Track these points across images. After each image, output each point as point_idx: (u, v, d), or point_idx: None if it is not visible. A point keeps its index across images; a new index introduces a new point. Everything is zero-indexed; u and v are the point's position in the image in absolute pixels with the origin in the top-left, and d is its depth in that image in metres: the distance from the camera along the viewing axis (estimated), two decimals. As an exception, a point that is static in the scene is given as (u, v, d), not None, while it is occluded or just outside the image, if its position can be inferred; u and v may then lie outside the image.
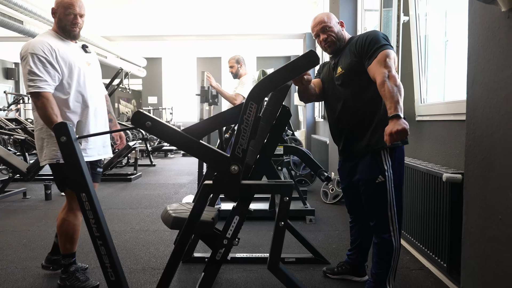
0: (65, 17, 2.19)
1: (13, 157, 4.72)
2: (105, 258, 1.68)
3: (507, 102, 1.47)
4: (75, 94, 2.23)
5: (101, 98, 2.42)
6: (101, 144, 2.39)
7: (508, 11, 1.44)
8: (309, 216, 3.79)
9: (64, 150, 1.64)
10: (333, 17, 2.17)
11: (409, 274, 2.51)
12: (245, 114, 1.58)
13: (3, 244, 3.12)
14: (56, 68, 2.14)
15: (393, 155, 2.03)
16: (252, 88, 1.61)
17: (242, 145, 1.59)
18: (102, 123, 2.41)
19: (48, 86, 2.12)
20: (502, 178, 1.51)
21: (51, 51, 2.13)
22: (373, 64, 1.92)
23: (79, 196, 1.65)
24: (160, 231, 3.48)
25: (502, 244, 1.52)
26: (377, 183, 2.02)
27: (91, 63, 2.37)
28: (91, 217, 1.66)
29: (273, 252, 1.68)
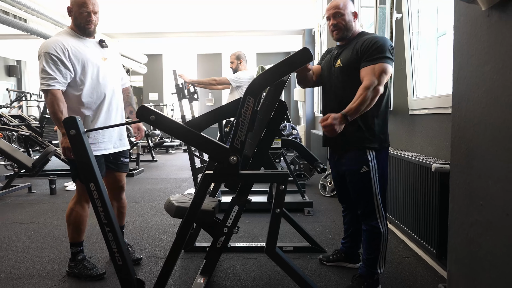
0: (79, 15, 2.28)
1: (18, 153, 4.84)
2: (113, 243, 1.79)
3: (487, 95, 1.57)
4: (88, 90, 2.32)
5: (116, 92, 2.47)
6: (118, 137, 2.49)
7: (488, 10, 1.54)
8: (307, 208, 3.90)
9: (73, 143, 1.74)
10: (350, 5, 2.18)
11: (402, 262, 2.62)
12: (243, 108, 1.69)
13: (12, 236, 3.24)
14: (67, 66, 2.24)
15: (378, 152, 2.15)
16: (250, 83, 1.71)
17: (240, 137, 1.70)
18: (117, 117, 2.48)
19: (57, 84, 2.22)
20: (483, 166, 1.62)
21: (63, 50, 2.23)
22: (369, 68, 2.00)
23: (88, 186, 1.76)
24: (162, 223, 3.60)
25: (483, 229, 1.62)
26: (362, 173, 2.13)
27: (108, 57, 2.43)
28: (99, 205, 1.77)
29: (270, 237, 1.79)
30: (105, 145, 2.42)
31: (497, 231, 1.52)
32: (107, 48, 2.46)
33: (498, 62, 1.51)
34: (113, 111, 2.45)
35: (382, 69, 1.99)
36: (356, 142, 2.14)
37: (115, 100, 2.46)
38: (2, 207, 4.28)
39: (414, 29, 3.10)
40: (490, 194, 1.57)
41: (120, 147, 2.52)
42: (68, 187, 5.24)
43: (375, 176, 2.13)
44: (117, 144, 2.50)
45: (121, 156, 2.56)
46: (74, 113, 2.32)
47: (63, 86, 2.26)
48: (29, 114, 12.16)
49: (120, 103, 2.52)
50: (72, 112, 2.32)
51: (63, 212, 4.03)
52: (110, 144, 2.45)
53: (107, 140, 2.42)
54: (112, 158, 2.51)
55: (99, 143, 2.39)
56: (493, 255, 1.55)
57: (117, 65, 2.53)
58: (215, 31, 8.91)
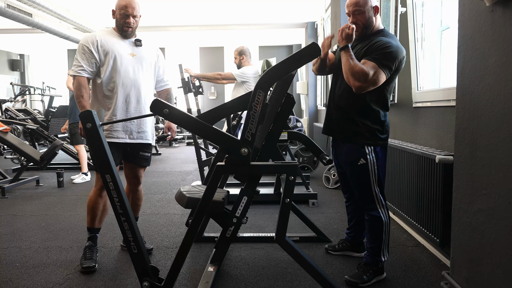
0: (120, 17, 2.46)
1: (26, 146, 4.91)
2: (128, 233, 1.85)
3: (490, 88, 1.62)
4: (107, 79, 2.46)
5: (140, 87, 2.52)
6: (136, 129, 2.54)
7: (492, 6, 1.59)
8: (312, 199, 3.97)
9: (89, 136, 1.80)
10: (370, 1, 2.13)
11: (406, 251, 2.69)
12: (254, 101, 1.74)
13: (25, 227, 3.32)
14: (94, 55, 2.43)
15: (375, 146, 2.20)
16: (260, 78, 1.76)
17: (251, 130, 1.75)
18: (137, 110, 2.53)
19: (83, 71, 2.42)
20: (486, 156, 1.67)
21: (93, 42, 2.43)
22: (370, 63, 2.02)
23: (104, 177, 1.82)
24: (170, 214, 3.67)
25: (486, 216, 1.69)
26: (359, 165, 2.19)
27: (138, 54, 2.53)
28: (115, 196, 1.83)
29: (279, 226, 1.85)
30: (118, 133, 2.48)
31: (500, 219, 1.58)
32: (141, 46, 2.56)
33: (501, 56, 1.56)
34: (131, 104, 2.50)
35: (379, 77, 2.02)
36: (353, 137, 2.20)
37: (134, 93, 2.51)
38: (12, 199, 4.36)
39: (418, 22, 3.14)
40: (493, 183, 1.63)
41: (137, 139, 2.56)
42: (75, 180, 5.31)
43: (373, 169, 2.18)
44: (134, 135, 2.54)
45: (140, 149, 2.61)
46: (95, 99, 2.51)
47: (89, 74, 2.45)
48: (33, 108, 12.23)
49: (143, 98, 2.55)
50: (97, 99, 2.51)
51: (72, 204, 4.11)
52: (124, 134, 2.50)
53: (121, 129, 2.49)
54: (130, 149, 2.57)
55: (111, 131, 2.46)
56: (496, 242, 1.61)
57: (148, 64, 2.59)
58: (218, 25, 8.94)
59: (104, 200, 2.53)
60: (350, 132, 2.20)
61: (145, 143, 2.62)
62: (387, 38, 2.13)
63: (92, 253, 2.51)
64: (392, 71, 2.09)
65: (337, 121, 2.29)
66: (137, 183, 2.72)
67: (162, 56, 2.76)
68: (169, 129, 2.76)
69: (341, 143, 2.31)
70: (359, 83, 2.01)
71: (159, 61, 2.70)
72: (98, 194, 2.51)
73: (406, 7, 3.18)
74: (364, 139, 2.17)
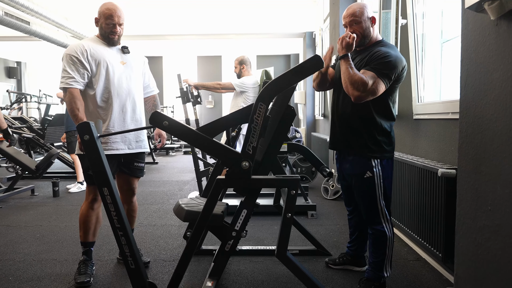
0: (106, 26, 2.40)
1: (22, 155, 4.85)
2: (125, 247, 1.81)
3: (496, 103, 1.60)
4: (101, 90, 2.41)
5: (133, 96, 2.50)
6: (134, 139, 2.51)
7: (497, 20, 1.57)
8: (311, 211, 3.93)
9: (87, 148, 1.77)
10: (366, 11, 2.15)
11: (406, 265, 2.65)
12: (255, 114, 1.71)
13: (18, 238, 3.26)
14: (85, 66, 2.36)
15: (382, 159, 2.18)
16: (262, 90, 1.74)
17: (252, 143, 1.72)
18: (133, 120, 2.50)
19: (75, 82, 2.34)
20: (491, 172, 1.65)
21: (82, 51, 2.36)
22: (369, 73, 2.02)
23: (101, 190, 1.78)
24: (167, 226, 3.61)
25: (491, 233, 1.65)
26: (365, 178, 2.16)
27: (128, 62, 2.50)
28: (112, 210, 1.79)
29: (281, 241, 1.81)
30: (117, 145, 2.45)
31: (506, 236, 1.55)
32: (129, 54, 2.53)
33: (507, 70, 1.54)
34: (127, 113, 2.48)
35: (378, 87, 2.01)
36: (359, 150, 2.18)
37: (130, 102, 2.49)
38: (6, 209, 4.30)
39: (418, 34, 3.13)
40: (499, 199, 1.60)
41: (136, 148, 2.54)
42: (71, 189, 5.25)
43: (379, 182, 2.16)
44: (133, 145, 2.52)
45: (134, 160, 2.58)
46: (89, 112, 2.43)
47: (81, 85, 2.37)
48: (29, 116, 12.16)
49: (138, 107, 2.54)
50: (88, 111, 2.43)
51: (68, 214, 4.05)
52: (123, 144, 2.47)
53: (120, 140, 2.46)
54: (124, 160, 2.52)
55: (110, 143, 2.43)
56: (502, 259, 1.58)
57: (138, 71, 2.57)
58: (216, 34, 8.95)
59: (96, 212, 2.48)
60: (356, 144, 2.18)
61: (140, 152, 2.59)
62: (386, 48, 2.13)
63: (86, 267, 2.44)
64: (392, 81, 2.08)
65: (342, 134, 2.27)
66: (132, 194, 2.68)
67: (147, 62, 2.73)
68: (159, 136, 2.73)
69: (347, 156, 2.28)
70: (358, 92, 1.99)
71: (145, 68, 2.68)
72: (90, 207, 2.46)
73: (406, 18, 3.18)
74: (370, 152, 2.14)
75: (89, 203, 2.46)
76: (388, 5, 3.63)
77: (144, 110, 2.69)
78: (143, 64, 2.65)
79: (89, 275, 2.39)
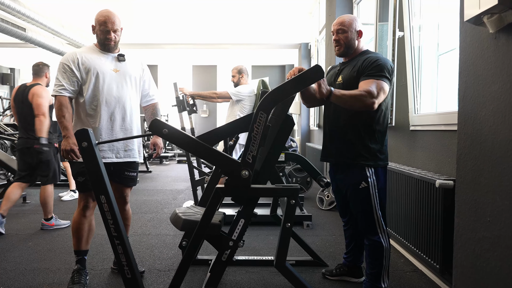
0: (100, 33, 2.40)
1: (14, 162, 4.79)
2: (122, 256, 1.78)
3: (494, 114, 1.62)
4: (91, 98, 2.39)
5: (123, 104, 2.46)
6: (122, 148, 2.47)
7: (495, 33, 1.59)
8: (306, 221, 3.91)
9: (85, 155, 1.75)
10: (355, 24, 2.21)
11: (403, 276, 2.64)
12: (255, 123, 1.71)
13: (10, 247, 3.20)
14: (76, 74, 2.37)
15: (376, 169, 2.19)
16: (262, 99, 1.74)
17: (252, 152, 1.72)
18: (123, 128, 2.47)
19: (64, 90, 2.35)
20: (490, 183, 1.65)
21: (74, 59, 2.37)
22: (370, 81, 2.04)
23: (98, 198, 1.76)
24: (162, 235, 3.58)
25: (491, 244, 1.66)
26: (361, 189, 2.16)
27: (121, 70, 2.46)
28: (109, 218, 1.76)
29: (279, 251, 1.79)
30: (104, 153, 2.41)
31: (506, 247, 1.55)
32: (124, 62, 2.50)
33: (505, 82, 1.55)
34: (116, 122, 2.44)
35: (382, 87, 2.04)
36: (352, 159, 2.18)
37: (119, 110, 2.44)
38: (-3, 217, 4.21)
39: (415, 47, 3.17)
40: (498, 211, 1.60)
41: (124, 158, 2.49)
42: (64, 197, 5.18)
43: (374, 192, 2.16)
44: (121, 154, 2.47)
45: (125, 169, 2.53)
46: (78, 119, 2.43)
47: (70, 93, 2.37)
48: (21, 122, 12.02)
49: (128, 116, 2.49)
50: (79, 118, 2.42)
51: (60, 223, 3.99)
52: (111, 153, 2.44)
53: (107, 149, 2.42)
54: (114, 169, 2.47)
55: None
56: (502, 271, 1.58)
57: (133, 79, 2.52)
58: (211, 44, 8.99)
59: (88, 220, 2.45)
60: (349, 154, 2.18)
61: (132, 162, 2.54)
62: (373, 54, 2.19)
63: (80, 276, 2.40)
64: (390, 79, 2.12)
65: (334, 145, 2.28)
66: (124, 203, 2.63)
67: (148, 70, 2.69)
68: (154, 145, 2.68)
69: (341, 167, 2.28)
70: (370, 100, 1.99)
71: (144, 75, 2.63)
72: (82, 215, 2.42)
73: (403, 31, 3.22)
74: (364, 160, 2.15)
75: (81, 211, 2.43)
76: (385, 17, 3.67)
77: (146, 118, 2.68)
78: (141, 71, 2.61)
79: (82, 285, 2.35)
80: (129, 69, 2.51)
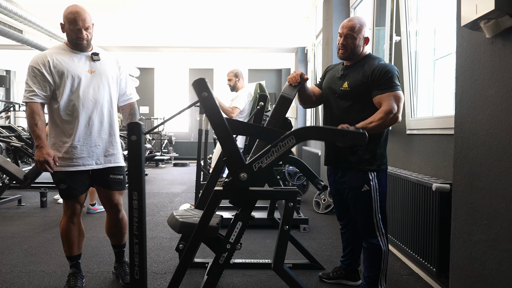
0: (70, 31, 2.21)
1: (10, 164, 4.76)
2: (136, 256, 1.76)
3: (491, 118, 1.64)
4: (66, 103, 2.25)
5: (102, 106, 2.33)
6: (102, 153, 2.34)
7: (492, 38, 1.62)
8: (303, 224, 3.91)
9: (131, 149, 1.70)
10: (364, 30, 2.20)
11: (400, 280, 2.65)
12: (282, 142, 1.72)
13: (5, 250, 3.17)
14: (47, 79, 2.21)
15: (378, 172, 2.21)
16: (300, 129, 1.76)
17: (262, 163, 1.73)
18: (102, 132, 2.34)
19: (35, 97, 2.21)
20: (487, 186, 1.67)
21: (44, 63, 2.21)
22: (387, 95, 2.06)
23: (130, 194, 1.72)
24: (158, 238, 3.56)
25: (487, 247, 1.67)
26: (363, 192, 2.18)
27: (97, 70, 2.32)
28: (135, 216, 1.72)
29: (277, 254, 1.80)
30: (83, 160, 2.28)
31: (502, 250, 1.56)
32: (99, 61, 2.33)
33: (502, 87, 1.57)
34: (94, 126, 2.30)
35: (400, 97, 2.07)
36: (357, 164, 2.19)
37: (97, 114, 2.31)
38: (-8, 219, 4.20)
39: (412, 51, 3.20)
40: (494, 214, 1.62)
41: (105, 163, 2.35)
42: (59, 200, 5.16)
43: (375, 195, 2.18)
44: (101, 160, 2.34)
45: (109, 172, 2.39)
46: (54, 125, 2.30)
47: (42, 99, 2.23)
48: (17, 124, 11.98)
49: (107, 119, 2.36)
50: (55, 125, 2.29)
51: (55, 225, 3.97)
52: (90, 160, 2.30)
53: (86, 156, 2.29)
54: (96, 174, 2.35)
55: (76, 159, 2.27)
56: (498, 273, 1.59)
57: (109, 80, 2.37)
58: (208, 47, 8.99)
59: (77, 226, 2.37)
60: (354, 159, 2.19)
61: (115, 167, 2.41)
62: (378, 61, 2.19)
63: (76, 280, 2.37)
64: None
65: (338, 150, 2.27)
66: (116, 211, 2.46)
67: (124, 68, 2.52)
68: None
69: (343, 170, 2.28)
70: (393, 117, 2.04)
71: (120, 74, 2.46)
72: (70, 221, 2.33)
73: (400, 36, 3.25)
74: (368, 165, 2.16)
75: (68, 218, 2.33)
76: (382, 22, 3.70)
77: (123, 118, 2.56)
78: (117, 70, 2.44)
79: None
80: (104, 69, 2.35)
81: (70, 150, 2.25)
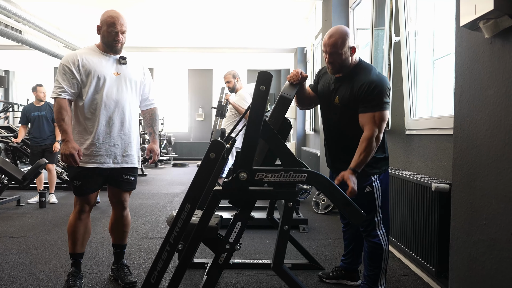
0: (108, 34, 2.33)
1: (9, 165, 4.76)
2: (161, 262, 1.78)
3: (490, 118, 1.64)
4: (89, 101, 2.34)
5: (122, 108, 2.40)
6: (120, 153, 2.42)
7: (491, 38, 1.62)
8: (302, 225, 3.91)
9: (205, 165, 1.74)
10: (347, 42, 2.11)
11: (399, 280, 2.65)
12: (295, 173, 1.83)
13: (3, 250, 3.17)
14: (76, 76, 2.31)
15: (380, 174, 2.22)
16: (319, 175, 1.89)
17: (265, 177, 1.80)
18: (122, 133, 2.41)
19: (64, 93, 2.30)
20: (486, 186, 1.67)
21: (74, 61, 2.31)
22: (368, 116, 2.06)
23: (183, 205, 1.75)
24: (157, 238, 3.56)
25: (486, 247, 1.67)
26: (366, 193, 2.18)
27: (122, 73, 2.41)
28: (178, 225, 1.76)
29: (277, 254, 1.80)
30: (101, 158, 2.35)
31: (502, 250, 1.56)
32: (125, 65, 2.44)
33: (501, 87, 1.57)
34: (114, 126, 2.38)
35: (382, 117, 2.06)
36: None
37: (118, 115, 2.39)
38: (-9, 220, 4.19)
39: (411, 52, 3.20)
40: (494, 214, 1.62)
41: (122, 163, 2.43)
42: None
43: (378, 195, 2.18)
44: (119, 160, 2.41)
45: (123, 173, 2.46)
46: (77, 123, 2.38)
47: (70, 96, 2.32)
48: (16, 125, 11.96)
49: (127, 120, 2.43)
50: (78, 121, 2.37)
51: (54, 225, 3.97)
52: (108, 158, 2.37)
53: (104, 154, 2.36)
54: (111, 174, 2.43)
55: (94, 156, 2.34)
56: (498, 274, 1.59)
57: (133, 83, 2.46)
58: (208, 47, 9.00)
59: (84, 223, 2.41)
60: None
61: (130, 167, 2.48)
62: (366, 74, 2.13)
63: (75, 279, 2.38)
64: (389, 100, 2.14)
65: (341, 156, 2.27)
66: (122, 208, 2.56)
67: (149, 74, 2.63)
68: (151, 152, 2.60)
69: None
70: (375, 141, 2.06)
71: (145, 79, 2.57)
72: (78, 217, 2.39)
73: (399, 36, 3.25)
74: (372, 169, 2.16)
75: (76, 214, 2.40)
76: (381, 22, 3.70)
77: (144, 123, 2.67)
78: (142, 75, 2.55)
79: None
80: (129, 72, 2.45)
81: (90, 147, 2.34)
